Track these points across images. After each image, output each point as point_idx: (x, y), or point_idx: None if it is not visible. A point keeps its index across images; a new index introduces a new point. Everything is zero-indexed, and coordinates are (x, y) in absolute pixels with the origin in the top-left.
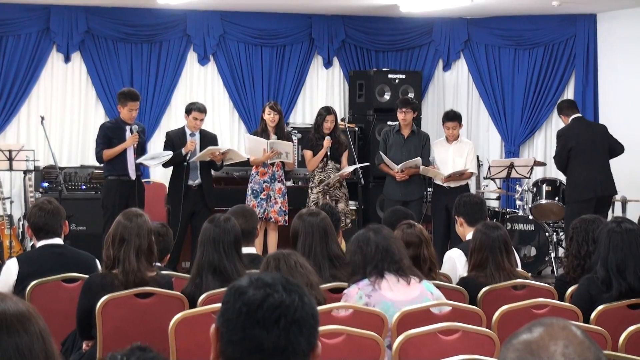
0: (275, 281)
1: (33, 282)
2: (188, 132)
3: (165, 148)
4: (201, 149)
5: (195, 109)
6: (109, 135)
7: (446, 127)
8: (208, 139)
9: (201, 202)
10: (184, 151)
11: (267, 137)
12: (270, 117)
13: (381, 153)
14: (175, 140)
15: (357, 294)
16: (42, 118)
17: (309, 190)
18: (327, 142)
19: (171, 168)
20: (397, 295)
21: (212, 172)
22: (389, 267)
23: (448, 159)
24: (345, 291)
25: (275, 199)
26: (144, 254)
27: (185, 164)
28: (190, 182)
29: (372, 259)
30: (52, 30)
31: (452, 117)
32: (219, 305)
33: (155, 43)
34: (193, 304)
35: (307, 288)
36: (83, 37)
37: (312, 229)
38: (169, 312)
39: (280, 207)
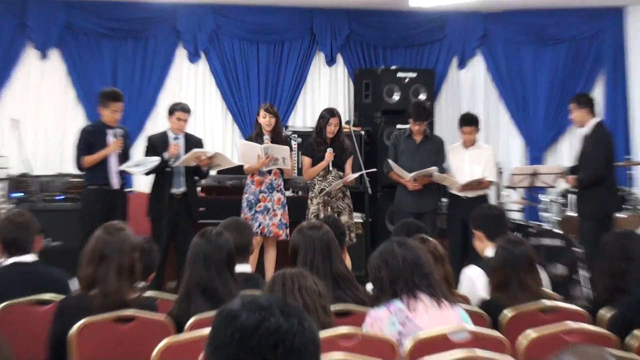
0: (271, 304)
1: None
2: (171, 135)
3: (147, 154)
4: (186, 154)
5: (178, 108)
6: (89, 140)
7: (463, 132)
8: (193, 142)
9: (185, 213)
10: (166, 155)
11: (262, 143)
12: (265, 120)
13: (390, 161)
14: (157, 145)
15: (388, 319)
16: (15, 121)
17: (309, 201)
18: (329, 155)
19: (153, 175)
20: (433, 322)
21: (202, 180)
22: (420, 282)
23: (464, 166)
24: (371, 312)
25: (274, 210)
26: (126, 273)
27: (169, 169)
28: (173, 190)
29: (401, 272)
30: (29, 25)
31: (469, 121)
32: (209, 330)
33: (141, 39)
34: (180, 329)
35: (320, 314)
36: (62, 32)
37: (313, 245)
38: (153, 338)
39: (280, 220)
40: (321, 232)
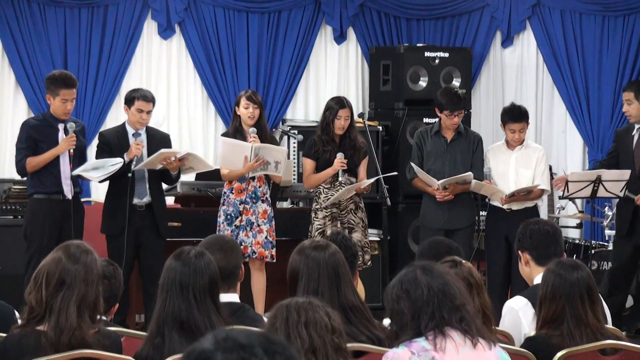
0: (251, 341)
1: None
2: (130, 130)
3: (100, 154)
4: (150, 154)
5: (139, 97)
6: (34, 137)
7: (509, 129)
8: (158, 140)
9: (150, 229)
10: (126, 158)
11: (243, 140)
12: (248, 111)
13: (413, 165)
14: (113, 143)
15: None
16: None
17: (312, 214)
18: (338, 162)
19: (107, 182)
20: None
21: (176, 187)
22: (450, 316)
23: (509, 171)
24: (389, 352)
25: (259, 226)
26: (88, 308)
27: (129, 175)
28: (136, 201)
29: (425, 305)
30: None
31: (517, 116)
32: None
33: (98, 8)
34: None
35: (331, 355)
36: None
37: (317, 269)
38: None
39: (266, 238)
40: (327, 253)
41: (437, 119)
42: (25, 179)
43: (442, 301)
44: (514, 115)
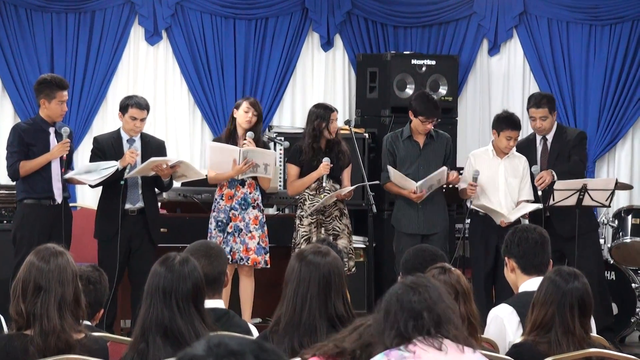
0: (243, 347)
1: None
2: (125, 137)
3: (93, 159)
4: (144, 161)
5: (133, 104)
6: (26, 140)
7: (505, 137)
8: (153, 147)
9: (142, 235)
10: (120, 165)
11: (235, 143)
12: (247, 115)
13: (390, 168)
14: (107, 149)
15: None
16: None
17: (297, 221)
18: (324, 166)
19: (100, 188)
20: None
21: (163, 193)
22: (429, 322)
23: (499, 179)
24: None
25: (250, 232)
26: (68, 308)
27: (122, 182)
28: (128, 206)
29: (393, 316)
30: None
31: (515, 124)
32: None
33: (85, 13)
34: None
35: None
36: None
37: (310, 274)
38: None
39: (258, 243)
40: (324, 261)
41: (407, 124)
42: (14, 183)
43: (402, 313)
44: (513, 123)
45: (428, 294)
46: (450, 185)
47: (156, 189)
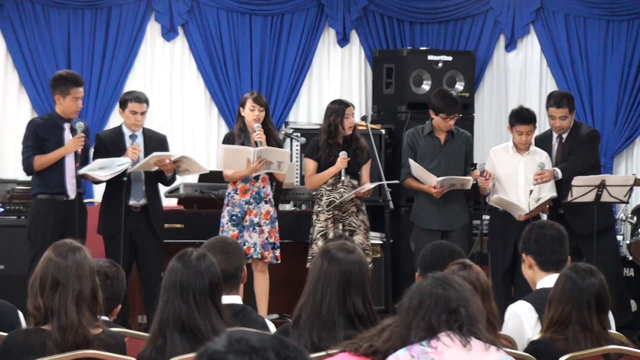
0: (264, 344)
1: None
2: (127, 132)
3: (96, 155)
4: (146, 156)
5: (132, 98)
6: (41, 135)
7: (517, 132)
8: (155, 141)
9: (146, 231)
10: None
11: (247, 141)
12: (254, 114)
13: (411, 161)
14: (109, 145)
15: None
16: None
17: (314, 217)
18: (342, 160)
19: (104, 184)
20: None
21: (180, 189)
22: (449, 318)
23: (519, 175)
24: (390, 358)
25: (261, 226)
26: (86, 303)
27: (125, 178)
28: (132, 202)
29: (417, 310)
30: None
31: (525, 119)
32: None
33: (102, 9)
34: None
35: None
36: (0, 1)
37: (331, 270)
38: None
39: (267, 239)
40: (348, 258)
41: (428, 120)
42: (29, 179)
43: (440, 307)
44: (523, 118)
45: (463, 291)
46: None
47: (160, 184)
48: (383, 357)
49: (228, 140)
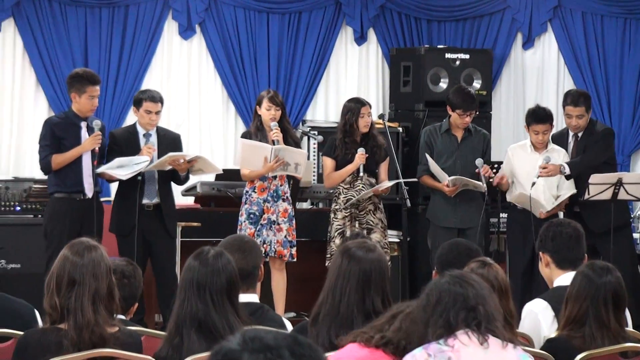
0: (278, 342)
1: None
2: (141, 131)
3: (110, 154)
4: (160, 155)
5: (146, 98)
6: (57, 134)
7: (533, 131)
8: (169, 140)
9: (159, 230)
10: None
11: (264, 139)
12: (270, 113)
13: (428, 157)
14: (123, 143)
15: None
16: None
17: (332, 215)
18: (360, 157)
19: (117, 182)
20: None
21: (197, 187)
22: (467, 316)
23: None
24: (407, 356)
25: (279, 224)
26: (102, 302)
27: (139, 177)
28: (145, 201)
29: (435, 307)
30: None
31: (542, 118)
32: None
33: (119, 8)
34: None
35: None
36: None
37: (350, 268)
38: None
39: (285, 237)
40: (368, 257)
41: (446, 118)
42: (46, 177)
43: (454, 303)
44: (539, 117)
45: (481, 289)
46: (491, 179)
47: (174, 184)
48: (395, 347)
49: (245, 138)
